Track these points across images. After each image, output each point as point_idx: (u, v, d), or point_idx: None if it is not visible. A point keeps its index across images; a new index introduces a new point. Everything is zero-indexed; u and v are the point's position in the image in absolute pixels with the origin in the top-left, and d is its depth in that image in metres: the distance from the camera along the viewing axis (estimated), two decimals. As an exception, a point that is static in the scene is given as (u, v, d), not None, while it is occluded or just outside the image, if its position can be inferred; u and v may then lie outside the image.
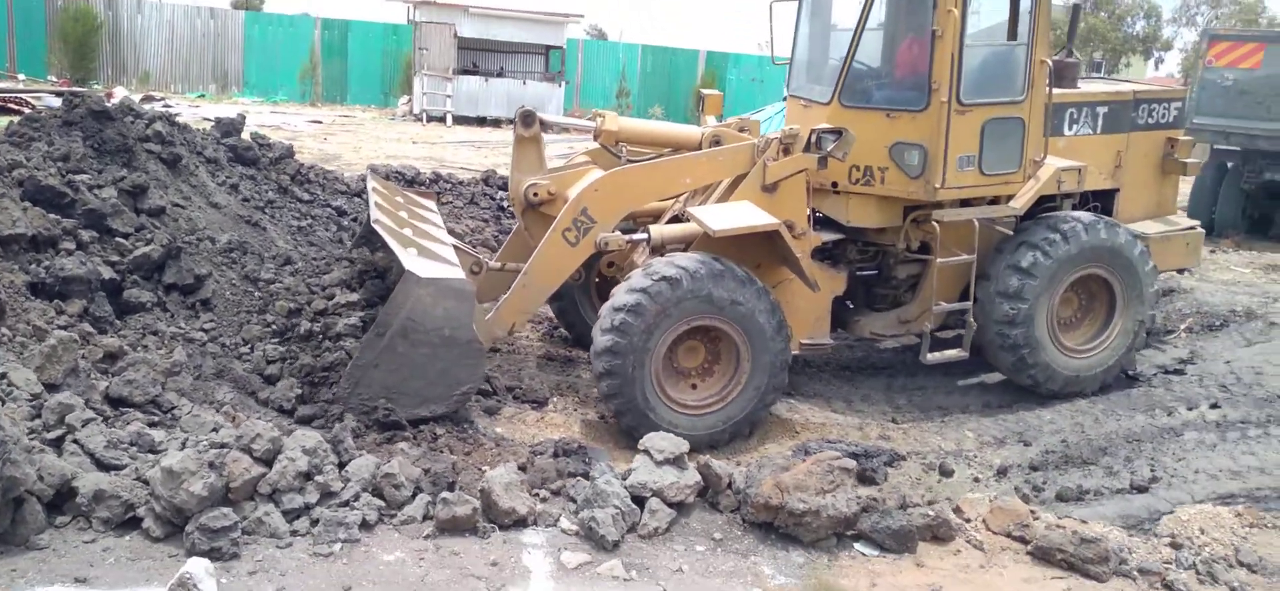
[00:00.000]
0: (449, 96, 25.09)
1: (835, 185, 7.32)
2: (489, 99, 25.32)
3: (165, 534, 4.09)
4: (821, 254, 7.49)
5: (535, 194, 7.18)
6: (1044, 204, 7.75)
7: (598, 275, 8.13)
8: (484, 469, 4.93)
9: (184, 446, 4.36)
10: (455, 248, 7.28)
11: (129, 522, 4.16)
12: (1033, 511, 5.15)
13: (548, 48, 27.27)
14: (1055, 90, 7.54)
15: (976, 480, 6.70)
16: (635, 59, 30.31)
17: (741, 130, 7.49)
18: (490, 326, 6.57)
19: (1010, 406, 7.77)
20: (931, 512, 4.86)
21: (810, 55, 7.96)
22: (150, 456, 4.46)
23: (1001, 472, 6.76)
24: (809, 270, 6.93)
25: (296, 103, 27.55)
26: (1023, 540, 4.94)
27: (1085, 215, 7.55)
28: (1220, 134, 15.34)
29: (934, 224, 7.19)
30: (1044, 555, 4.78)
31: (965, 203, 7.33)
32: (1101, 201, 8.12)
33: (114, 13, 27.90)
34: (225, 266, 7.84)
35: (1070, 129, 7.77)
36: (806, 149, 6.73)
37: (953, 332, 7.87)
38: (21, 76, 26.19)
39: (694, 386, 6.67)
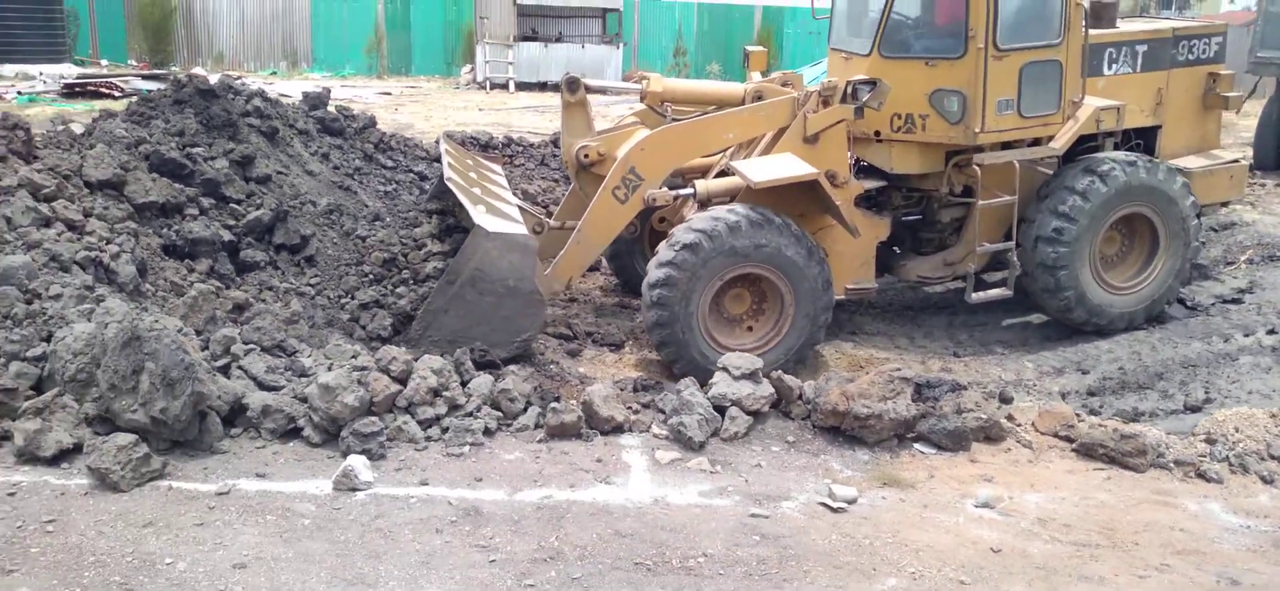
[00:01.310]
0: (511, 63, 25.72)
1: (878, 134, 7.59)
2: (549, 64, 25.86)
3: (322, 440, 4.84)
4: (866, 201, 7.78)
5: (586, 155, 7.53)
6: (1085, 143, 7.96)
7: (650, 229, 8.47)
8: (584, 385, 5.59)
9: (331, 369, 5.08)
10: (520, 207, 7.80)
11: (291, 432, 4.92)
12: (1078, 414, 5.66)
13: (604, 10, 27.68)
14: (1093, 30, 7.75)
15: (1035, 408, 7.06)
16: (691, 17, 30.57)
17: (784, 85, 7.80)
18: (549, 281, 6.94)
19: (1070, 339, 8.02)
20: (984, 416, 5.41)
21: (850, 8, 8.21)
22: (302, 380, 5.20)
23: (1060, 399, 7.01)
24: (851, 217, 7.23)
25: (364, 76, 28.44)
26: (1068, 439, 5.46)
27: (1124, 155, 7.73)
28: (1284, 66, 15.30)
29: (975, 167, 7.41)
30: (1087, 450, 5.31)
31: (1007, 145, 7.56)
32: (1144, 139, 8.30)
33: (188, -4, 29.01)
34: (325, 226, 8.58)
35: (1110, 68, 7.96)
36: (843, 100, 7.03)
37: (998, 273, 8.06)
38: (104, 62, 27.47)
39: (749, 330, 6.99)
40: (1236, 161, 8.81)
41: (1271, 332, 7.70)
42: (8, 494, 4.25)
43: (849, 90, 7.04)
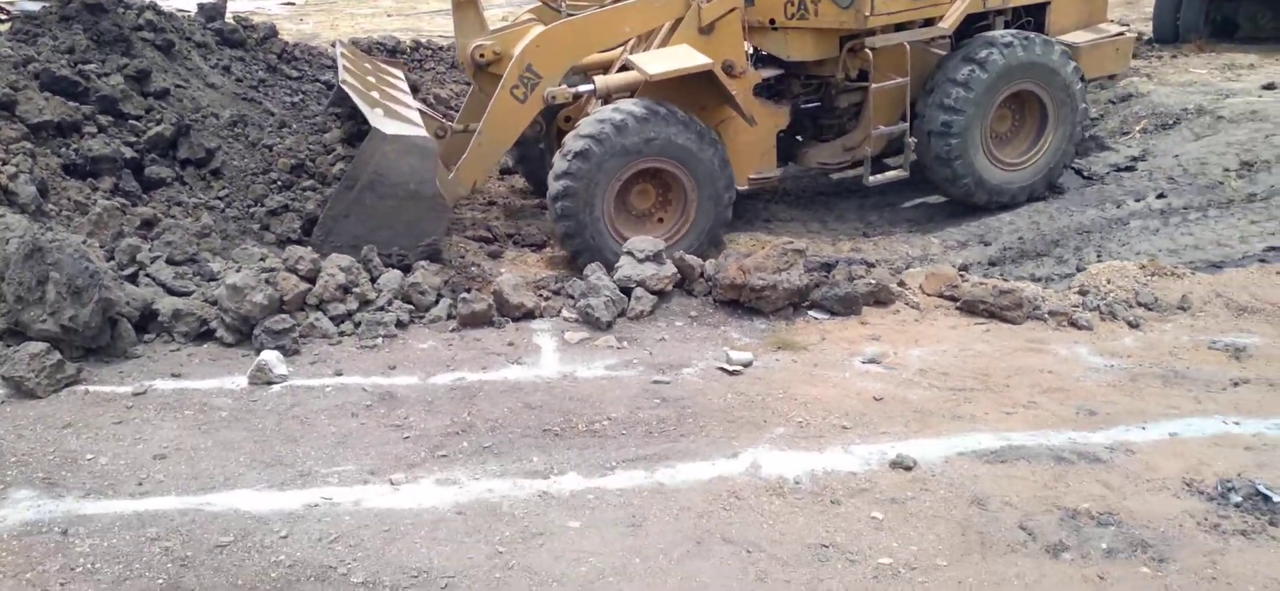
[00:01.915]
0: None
1: (773, 22, 7.69)
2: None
3: (235, 340, 4.97)
4: (765, 90, 7.94)
5: (481, 55, 7.48)
6: (978, 23, 8.20)
7: (557, 129, 8.44)
8: (494, 278, 5.77)
9: (239, 271, 5.17)
10: (420, 111, 7.74)
11: (204, 334, 5.03)
12: (961, 274, 6.03)
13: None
14: None
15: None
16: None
17: None
18: (452, 185, 6.93)
19: (974, 215, 8.33)
20: (873, 281, 5.74)
21: None
22: (211, 284, 5.29)
23: (963, 270, 7.28)
24: (749, 106, 7.38)
25: (266, -13, 27.52)
26: (953, 299, 5.83)
27: (1005, 35, 7.92)
28: (1177, -59, 15.75)
29: (867, 51, 7.56)
30: (969, 307, 5.68)
31: (901, 28, 7.73)
32: (1034, 16, 8.51)
33: (73, -90, 27.61)
34: (231, 138, 8.50)
35: None
36: None
37: (898, 158, 8.30)
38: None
39: (659, 222, 7.12)
40: (1121, 34, 9.13)
41: (1161, 196, 8.07)
42: (-79, 407, 4.31)
43: None
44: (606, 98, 7.13)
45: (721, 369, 4.91)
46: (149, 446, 4.07)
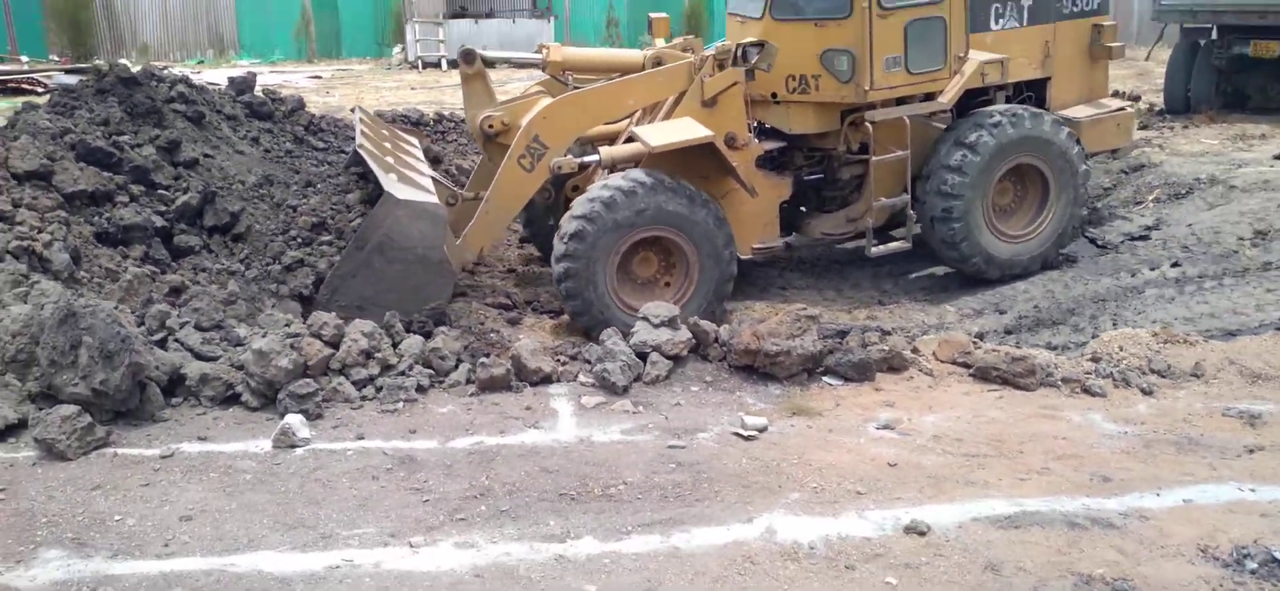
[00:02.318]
0: (442, 41, 25.70)
1: (775, 96, 7.85)
2: (480, 40, 25.83)
3: (260, 404, 5.08)
4: (769, 162, 8.08)
5: (490, 126, 7.64)
6: (977, 98, 8.31)
7: (565, 198, 8.48)
8: (512, 343, 5.88)
9: (265, 336, 5.30)
10: (433, 179, 7.89)
11: (230, 398, 5.15)
12: (975, 341, 6.08)
13: (535, -15, 27.83)
14: None
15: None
16: (620, -10, 30.79)
17: (685, 50, 8.00)
18: (460, 251, 7.10)
19: (990, 283, 8.39)
20: (887, 347, 5.81)
21: None
22: (237, 349, 5.41)
23: (978, 338, 7.29)
24: (750, 177, 7.51)
25: (293, 60, 28.19)
26: (966, 365, 5.88)
27: (1010, 108, 8.04)
28: (1188, 12, 16.00)
29: (868, 125, 7.69)
30: (982, 374, 5.73)
31: (901, 101, 7.84)
32: (1034, 91, 8.64)
33: (107, -13, 28.48)
34: (256, 200, 8.69)
35: (997, 23, 8.25)
36: (735, 63, 7.30)
37: (901, 229, 8.36)
38: (25, 58, 26.87)
39: (665, 287, 7.18)
40: (1122, 109, 9.22)
41: (1175, 265, 8.11)
42: (-44, 469, 4.43)
43: (739, 52, 7.29)
44: (611, 168, 7.27)
45: (736, 434, 4.97)
46: (175, 508, 4.16)
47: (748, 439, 4.92)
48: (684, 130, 7.00)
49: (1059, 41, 8.53)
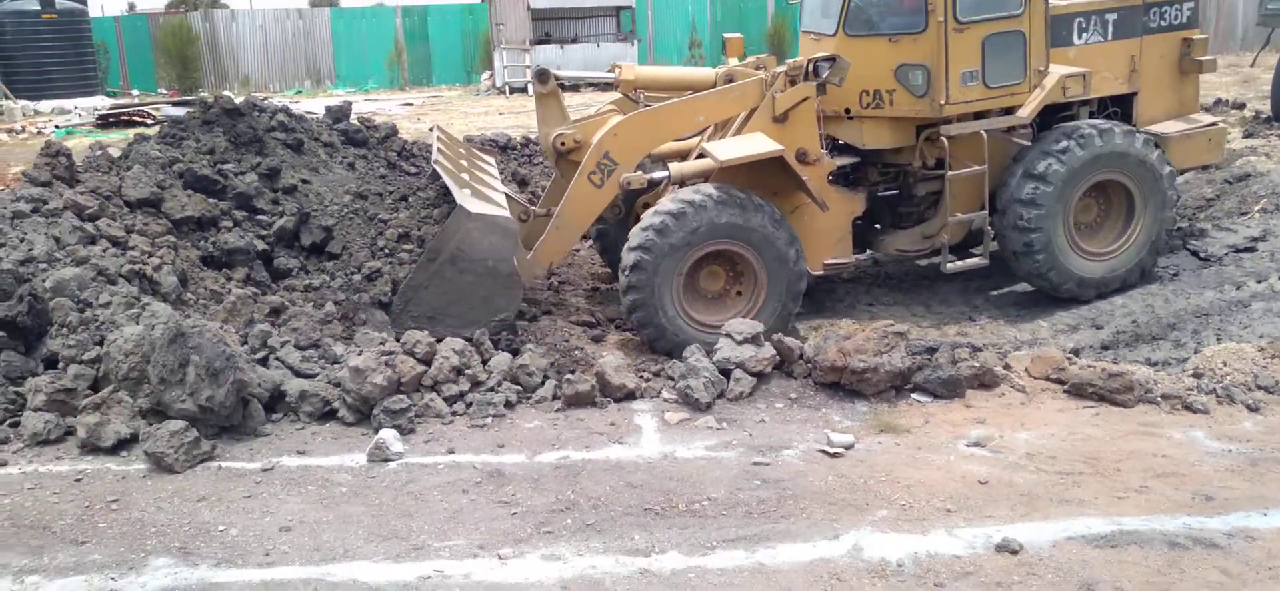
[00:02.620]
0: (528, 67, 26.17)
1: (848, 112, 7.69)
2: (567, 65, 26.28)
3: (356, 419, 5.25)
4: (842, 178, 7.97)
5: (562, 143, 7.69)
6: (1061, 113, 8.06)
7: (636, 215, 8.46)
8: (596, 360, 5.95)
9: (360, 353, 5.48)
10: (507, 195, 7.99)
11: (327, 414, 5.34)
12: (1068, 357, 5.92)
13: (618, 8, 28.09)
14: (1062, 1, 7.90)
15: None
16: (705, 9, 30.91)
17: (758, 68, 7.96)
18: (531, 266, 7.19)
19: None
20: (977, 363, 5.70)
21: None
22: (334, 367, 5.60)
23: (1074, 354, 7.04)
24: (822, 193, 7.42)
25: (386, 89, 29.08)
26: (1060, 381, 5.73)
27: (1095, 122, 7.80)
28: (1294, 17, 15.38)
29: (944, 139, 7.54)
30: (1077, 390, 5.57)
31: (979, 116, 7.67)
32: (1121, 106, 8.35)
33: (211, 25, 29.85)
34: (351, 217, 8.94)
35: (1079, 38, 8.00)
36: (806, 78, 7.24)
37: (980, 247, 8.10)
38: (135, 92, 28.30)
39: (733, 301, 7.12)
40: (1213, 125, 8.82)
41: (1284, 278, 7.76)
42: (75, 480, 4.69)
43: (810, 68, 7.25)
44: (681, 184, 7.28)
45: (822, 451, 4.93)
46: (275, 519, 4.33)
47: (834, 456, 4.88)
48: (752, 145, 7.00)
49: (1146, 56, 8.22)
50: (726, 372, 5.65)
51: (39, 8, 25.68)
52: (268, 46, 30.07)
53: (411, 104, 24.00)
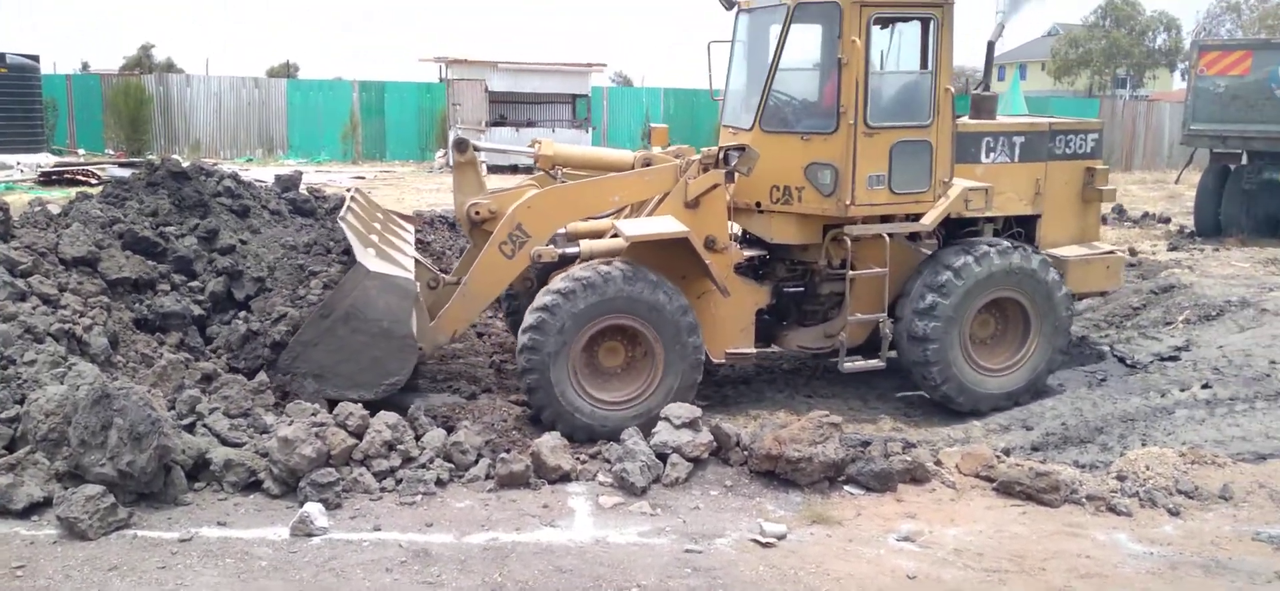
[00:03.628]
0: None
1: (759, 205, 7.86)
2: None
3: (281, 492, 5.13)
4: (751, 271, 8.12)
5: (476, 212, 7.68)
6: (966, 227, 8.30)
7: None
8: (533, 440, 5.91)
9: (292, 424, 5.38)
10: (417, 260, 7.96)
11: (252, 485, 5.21)
12: (998, 455, 6.02)
13: (574, 96, 28.52)
14: (973, 121, 8.21)
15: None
16: (659, 102, 31.51)
17: (676, 158, 8.04)
18: (433, 333, 7.14)
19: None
20: (909, 458, 5.76)
21: (740, 88, 8.58)
22: (263, 437, 5.49)
23: (1004, 454, 7.10)
24: (727, 281, 7.52)
25: (339, 161, 28.98)
26: (990, 479, 5.81)
27: (994, 240, 8.02)
28: (1217, 138, 16.12)
29: (847, 239, 7.68)
30: (1006, 488, 5.65)
31: (885, 220, 7.84)
32: (1024, 227, 8.57)
33: (165, 87, 29.67)
34: (283, 267, 8.67)
35: (987, 157, 8.21)
36: (717, 166, 7.41)
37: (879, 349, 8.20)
38: (81, 151, 27.90)
39: (627, 380, 7.15)
40: (1112, 253, 9.05)
41: (1206, 386, 8.00)
42: (-20, 543, 4.50)
43: (721, 156, 7.41)
44: (590, 260, 7.30)
45: (755, 540, 4.93)
46: (190, 591, 4.19)
47: (766, 546, 4.87)
48: (660, 225, 7.13)
49: (1050, 180, 8.44)
50: (663, 457, 5.64)
51: (-11, 62, 25.38)
52: (221, 112, 29.91)
53: (363, 177, 23.95)
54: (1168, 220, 17.40)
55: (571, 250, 7.50)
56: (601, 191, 7.57)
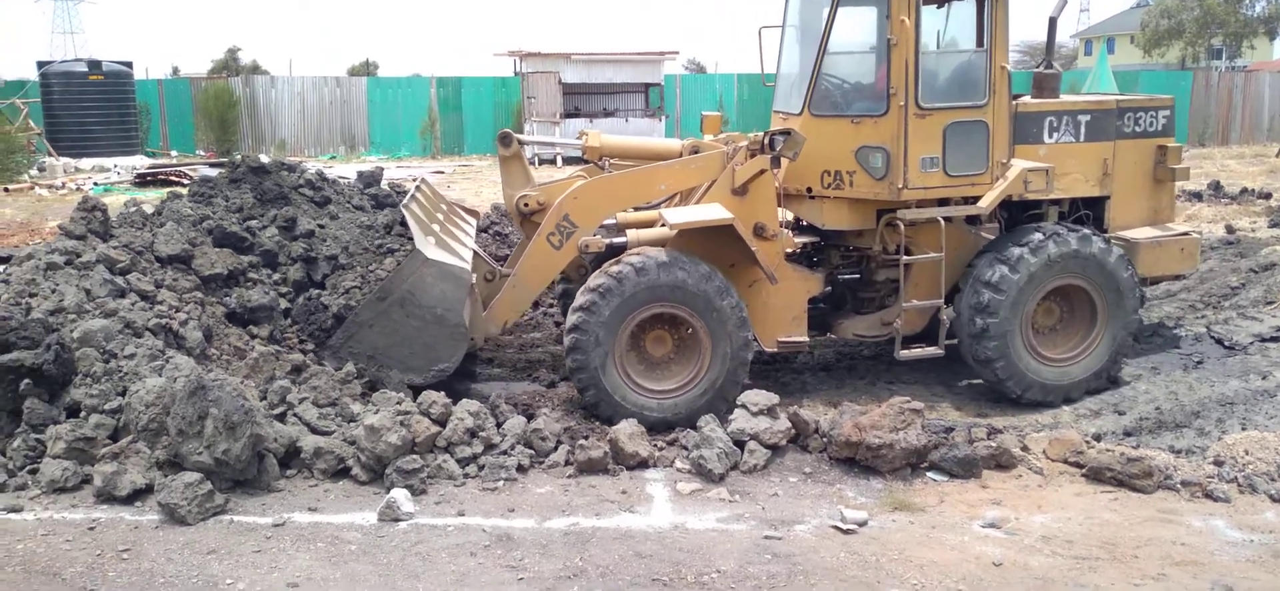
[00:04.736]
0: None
1: (810, 191, 7.62)
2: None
3: (369, 478, 5.27)
4: (805, 259, 7.96)
5: (525, 205, 7.70)
6: (1029, 210, 8.01)
7: None
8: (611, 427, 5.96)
9: (377, 413, 5.52)
10: (475, 252, 7.84)
11: (341, 472, 5.36)
12: (1088, 441, 5.85)
13: (647, 85, 28.52)
14: (1035, 100, 7.87)
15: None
16: (732, 88, 31.33)
17: (726, 145, 7.89)
18: (485, 323, 7.16)
19: (1112, 382, 7.93)
20: (994, 444, 5.65)
21: (791, 72, 8.35)
22: (350, 425, 5.64)
23: (1096, 440, 6.90)
24: (778, 269, 7.34)
25: (418, 157, 29.54)
26: (1078, 465, 5.67)
27: (1054, 227, 7.70)
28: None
29: (899, 223, 7.46)
30: (1095, 474, 5.50)
31: (943, 203, 7.59)
32: (1092, 209, 8.23)
33: (251, 90, 30.60)
34: (360, 251, 8.89)
35: (1051, 137, 7.88)
36: (763, 151, 7.27)
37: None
38: (174, 153, 28.95)
39: (676, 369, 6.98)
40: (1186, 234, 8.61)
41: (1311, 367, 7.68)
42: (88, 528, 4.73)
43: (766, 141, 7.29)
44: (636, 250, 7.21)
45: (835, 527, 4.89)
46: (283, 574, 4.33)
47: (847, 533, 4.83)
48: (705, 212, 7.00)
49: (1119, 160, 8.06)
50: (741, 444, 5.63)
51: (86, 69, 26.49)
52: (305, 112, 30.72)
53: (442, 171, 24.37)
54: (1269, 195, 16.67)
55: (619, 240, 7.45)
56: (649, 180, 7.51)
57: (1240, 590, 4.26)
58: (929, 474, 5.58)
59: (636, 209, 8.15)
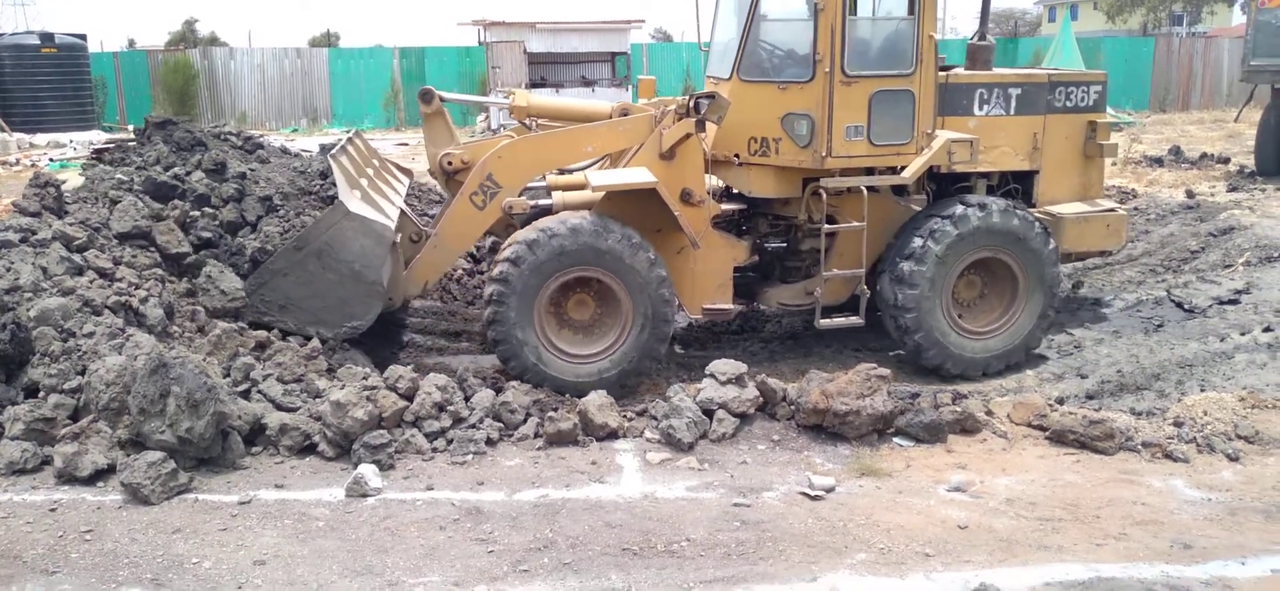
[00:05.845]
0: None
1: (737, 158, 7.58)
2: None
3: (336, 454, 5.23)
4: (732, 226, 7.93)
5: (449, 163, 7.57)
6: (957, 183, 8.02)
7: None
8: (580, 398, 5.95)
9: (343, 388, 5.47)
10: (403, 212, 7.70)
11: (307, 448, 5.32)
12: (1051, 404, 5.94)
13: (613, 54, 28.31)
14: (966, 71, 7.88)
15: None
16: (698, 57, 31.25)
17: (657, 109, 7.80)
18: (405, 283, 7.11)
19: (1075, 347, 8.19)
20: (959, 409, 5.71)
21: (725, 38, 8.27)
22: (316, 402, 5.59)
23: (1059, 403, 7.00)
24: (703, 235, 7.31)
25: (382, 129, 29.19)
26: (1042, 428, 5.74)
27: (980, 199, 7.71)
28: (1278, 73, 15.58)
29: (821, 192, 7.41)
30: (1059, 437, 5.59)
31: (869, 172, 7.53)
32: (1021, 183, 8.25)
33: (210, 62, 30.05)
34: (294, 194, 8.64)
35: (981, 109, 7.86)
36: (687, 114, 7.21)
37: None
38: (131, 127, 28.40)
39: (597, 335, 7.00)
40: (1113, 210, 8.65)
41: (1267, 330, 7.83)
42: (49, 510, 4.66)
43: (691, 104, 7.22)
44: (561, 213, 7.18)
45: (803, 493, 4.93)
46: (250, 552, 4.30)
47: (814, 499, 4.87)
48: (629, 175, 6.95)
49: (1049, 135, 8.06)
50: (709, 413, 5.65)
51: (39, 42, 25.84)
52: (265, 85, 30.23)
53: (406, 144, 24.13)
54: (1227, 160, 16.90)
55: (545, 202, 7.36)
56: (575, 142, 7.40)
57: (1198, 548, 4.35)
58: (895, 439, 5.63)
59: (563, 171, 8.04)
